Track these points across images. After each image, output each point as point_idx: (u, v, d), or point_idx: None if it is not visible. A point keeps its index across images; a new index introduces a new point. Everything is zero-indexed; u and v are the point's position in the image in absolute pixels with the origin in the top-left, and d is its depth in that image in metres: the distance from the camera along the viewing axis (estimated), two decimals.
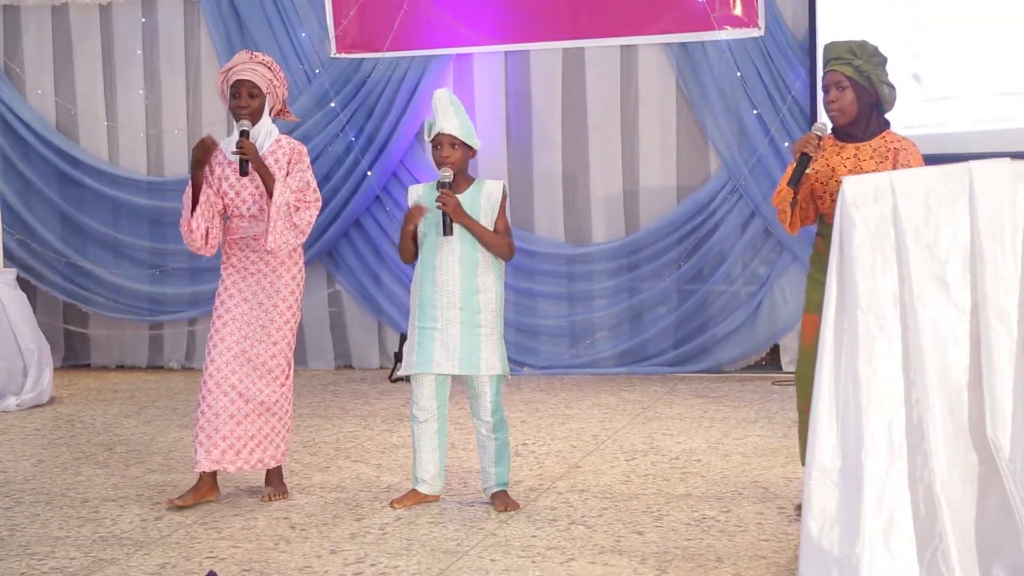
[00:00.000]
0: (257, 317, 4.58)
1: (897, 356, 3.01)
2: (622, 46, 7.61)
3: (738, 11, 7.30)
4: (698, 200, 7.49)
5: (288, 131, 7.85)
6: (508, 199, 4.58)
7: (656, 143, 7.63)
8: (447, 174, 4.35)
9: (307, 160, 4.62)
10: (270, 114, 4.64)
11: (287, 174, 4.55)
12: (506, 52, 7.77)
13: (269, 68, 4.61)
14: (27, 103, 8.39)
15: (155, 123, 8.31)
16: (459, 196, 4.38)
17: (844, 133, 4.10)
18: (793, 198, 4.04)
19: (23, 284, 7.43)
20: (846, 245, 3.05)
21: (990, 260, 2.99)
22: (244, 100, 4.54)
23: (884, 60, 4.07)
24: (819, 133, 4.01)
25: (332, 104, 7.83)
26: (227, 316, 4.57)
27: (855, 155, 4.05)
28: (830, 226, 4.03)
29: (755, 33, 7.27)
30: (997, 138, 6.61)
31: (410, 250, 4.49)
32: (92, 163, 8.30)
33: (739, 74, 7.30)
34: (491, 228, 4.39)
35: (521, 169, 7.83)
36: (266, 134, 4.60)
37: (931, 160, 3.90)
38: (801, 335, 4.20)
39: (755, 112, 7.29)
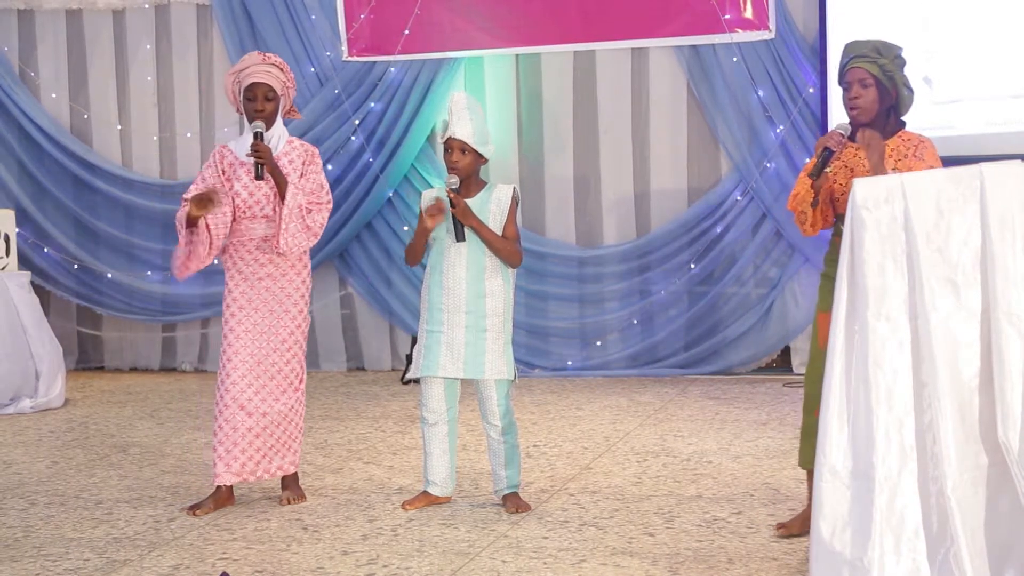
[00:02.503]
0: (269, 324, 4.56)
1: (908, 359, 3.01)
2: (633, 49, 7.62)
3: (748, 14, 7.30)
4: (709, 202, 7.49)
5: (299, 133, 7.93)
6: (520, 203, 4.59)
7: (667, 145, 7.64)
8: (453, 180, 4.36)
9: (320, 162, 4.62)
10: (281, 115, 4.63)
11: (301, 175, 4.53)
12: (517, 55, 7.78)
13: (282, 70, 4.59)
14: (41, 107, 8.43)
15: (168, 127, 8.35)
16: (469, 200, 4.39)
17: (852, 137, 4.01)
18: (814, 198, 3.96)
19: (36, 287, 7.46)
20: (857, 247, 3.05)
21: (1001, 263, 2.99)
22: (260, 103, 4.51)
23: (904, 63, 4.00)
24: (843, 132, 3.95)
25: (344, 107, 7.85)
26: (239, 328, 4.53)
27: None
28: None
29: (765, 36, 7.27)
30: (1008, 141, 6.59)
31: (419, 252, 4.49)
32: (105, 167, 8.33)
33: (750, 76, 7.30)
34: (500, 232, 4.40)
35: (532, 171, 7.85)
36: (279, 136, 4.58)
37: (942, 163, 3.90)
38: (815, 335, 4.14)
39: (766, 114, 7.30)
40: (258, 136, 4.46)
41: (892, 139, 4.00)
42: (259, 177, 4.46)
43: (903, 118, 4.09)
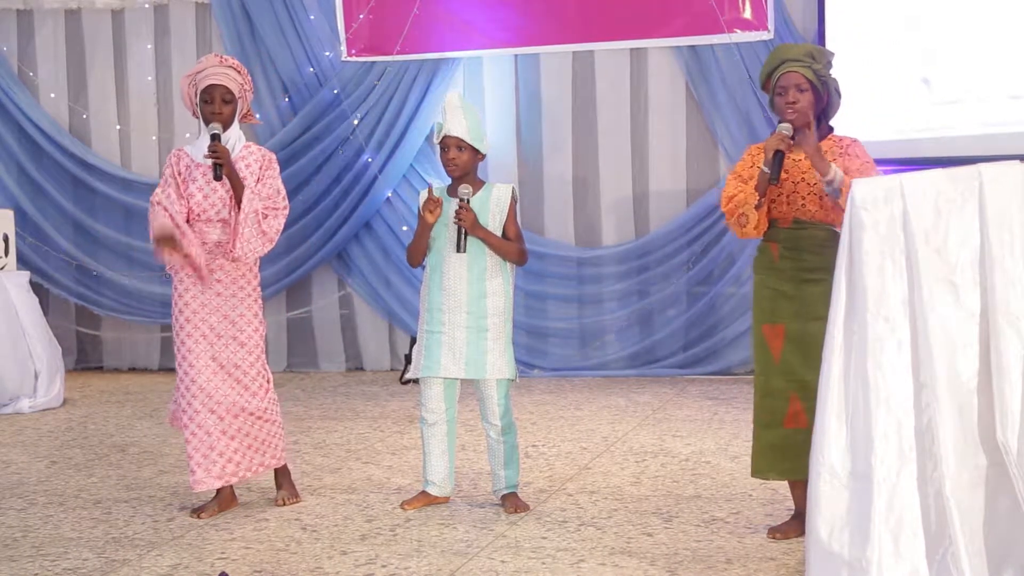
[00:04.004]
0: (225, 329, 4.47)
1: (907, 359, 3.02)
2: (632, 49, 7.64)
3: (747, 14, 7.32)
4: (708, 203, 7.50)
5: (298, 133, 7.94)
6: (518, 202, 4.59)
7: (666, 146, 7.65)
8: (466, 190, 4.33)
9: (277, 167, 4.56)
10: (238, 119, 4.56)
11: (258, 180, 4.47)
12: (516, 55, 7.79)
13: (239, 72, 4.52)
14: (40, 107, 8.44)
15: (167, 127, 8.35)
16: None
17: (793, 138, 3.99)
18: (759, 200, 3.96)
19: (35, 287, 7.46)
20: (855, 248, 3.06)
21: (999, 263, 3.00)
22: (218, 106, 4.43)
23: (832, 67, 4.05)
24: (786, 132, 3.94)
25: (343, 107, 7.85)
26: (196, 333, 4.44)
27: (805, 157, 3.97)
28: (784, 231, 4.00)
29: (764, 36, 7.28)
30: (1006, 142, 6.59)
31: (421, 252, 4.49)
32: (104, 167, 8.34)
33: (748, 77, 7.31)
34: (499, 231, 4.40)
35: (531, 172, 7.86)
36: (236, 139, 4.51)
37: (940, 163, 3.91)
38: (767, 348, 4.12)
39: (765, 115, 7.30)
40: (215, 137, 4.39)
41: (823, 141, 4.00)
42: (217, 178, 4.37)
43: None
